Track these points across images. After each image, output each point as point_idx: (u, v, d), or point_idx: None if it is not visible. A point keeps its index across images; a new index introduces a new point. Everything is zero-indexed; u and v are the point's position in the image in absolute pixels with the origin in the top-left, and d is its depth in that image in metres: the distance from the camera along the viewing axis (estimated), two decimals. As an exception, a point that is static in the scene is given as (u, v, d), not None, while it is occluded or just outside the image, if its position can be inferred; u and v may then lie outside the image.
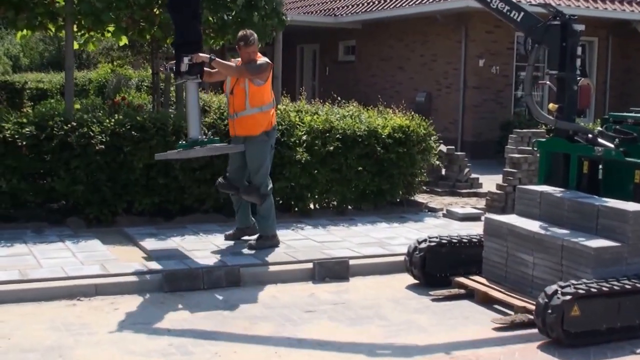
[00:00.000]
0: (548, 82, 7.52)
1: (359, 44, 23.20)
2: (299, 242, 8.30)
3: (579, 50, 7.17)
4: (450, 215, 10.13)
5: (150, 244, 7.99)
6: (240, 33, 7.83)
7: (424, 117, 10.94)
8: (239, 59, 7.87)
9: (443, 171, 12.68)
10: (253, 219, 8.24)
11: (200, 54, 7.26)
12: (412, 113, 11.02)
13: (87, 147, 8.62)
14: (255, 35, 7.85)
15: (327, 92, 18.88)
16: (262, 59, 7.74)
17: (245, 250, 7.85)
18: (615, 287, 5.73)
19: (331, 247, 8.13)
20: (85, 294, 6.57)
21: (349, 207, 10.16)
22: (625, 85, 20.60)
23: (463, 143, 18.42)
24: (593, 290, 5.65)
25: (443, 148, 12.48)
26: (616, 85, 20.71)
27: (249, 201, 8.00)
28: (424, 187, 11.47)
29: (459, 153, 12.99)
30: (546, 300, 5.62)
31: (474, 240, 7.30)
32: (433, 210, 10.53)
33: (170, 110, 11.48)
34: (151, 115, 9.32)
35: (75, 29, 10.68)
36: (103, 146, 8.60)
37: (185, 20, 7.33)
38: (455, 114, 19.13)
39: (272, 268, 7.38)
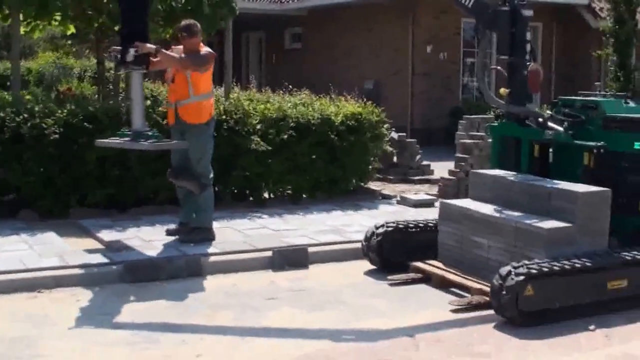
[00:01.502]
0: (499, 67, 7.65)
1: (306, 32, 23.24)
2: (256, 231, 8.35)
3: (528, 35, 7.32)
4: (404, 202, 10.27)
5: (108, 235, 7.96)
6: (183, 23, 7.77)
7: (375, 105, 11.06)
8: (181, 47, 7.79)
9: (395, 158, 12.82)
10: None
11: (147, 45, 7.19)
12: (365, 100, 11.13)
13: (39, 138, 8.54)
14: (199, 25, 7.82)
15: (274, 81, 18.85)
16: (204, 50, 7.70)
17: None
18: (567, 267, 5.92)
19: (288, 235, 8.21)
20: (46, 286, 6.54)
21: (304, 195, 10.23)
22: (570, 71, 20.96)
23: (412, 130, 18.57)
24: (545, 270, 5.83)
25: (394, 135, 12.61)
26: (561, 71, 21.06)
27: (188, 189, 7.86)
28: (377, 175, 11.60)
29: (410, 140, 13.15)
30: (500, 281, 5.77)
31: (430, 225, 7.43)
32: (387, 198, 10.66)
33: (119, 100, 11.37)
34: (104, 106, 9.26)
35: (21, 18, 10.52)
36: (57, 136, 8.52)
37: (132, 8, 7.27)
38: (404, 101, 19.30)
39: (231, 257, 7.42)
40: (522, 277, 5.72)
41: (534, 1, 20.13)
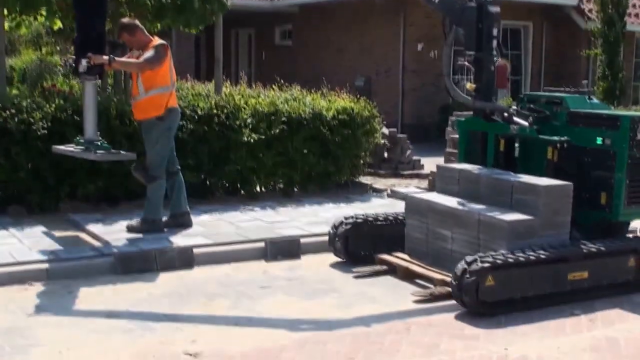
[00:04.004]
0: (466, 62, 7.62)
1: (296, 29, 23.19)
2: (249, 223, 8.33)
3: (495, 32, 7.27)
4: (394, 195, 10.28)
5: (98, 228, 7.90)
6: (123, 22, 7.79)
7: (367, 100, 11.06)
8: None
9: (385, 153, 12.83)
10: (187, 207, 8.12)
11: (100, 56, 7.13)
12: (357, 95, 11.11)
13: (27, 133, 8.48)
14: (136, 21, 7.86)
15: (263, 77, 18.73)
16: (156, 43, 7.63)
17: (186, 232, 7.81)
18: (531, 257, 5.95)
19: (281, 226, 8.19)
20: (37, 278, 6.51)
21: (295, 189, 10.21)
22: (559, 69, 21.01)
23: (403, 126, 18.58)
24: (510, 260, 5.87)
25: (385, 130, 12.62)
26: (550, 69, 21.09)
27: (137, 178, 7.88)
28: (368, 170, 11.60)
29: (400, 135, 13.16)
30: (465, 266, 5.79)
31: (399, 218, 7.45)
32: (378, 191, 10.66)
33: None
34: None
35: (5, 13, 10.42)
36: (45, 131, 8.45)
37: (89, 16, 7.24)
38: (395, 97, 19.30)
39: (224, 248, 7.41)
40: (487, 264, 5.75)
41: (524, 1, 20.14)
